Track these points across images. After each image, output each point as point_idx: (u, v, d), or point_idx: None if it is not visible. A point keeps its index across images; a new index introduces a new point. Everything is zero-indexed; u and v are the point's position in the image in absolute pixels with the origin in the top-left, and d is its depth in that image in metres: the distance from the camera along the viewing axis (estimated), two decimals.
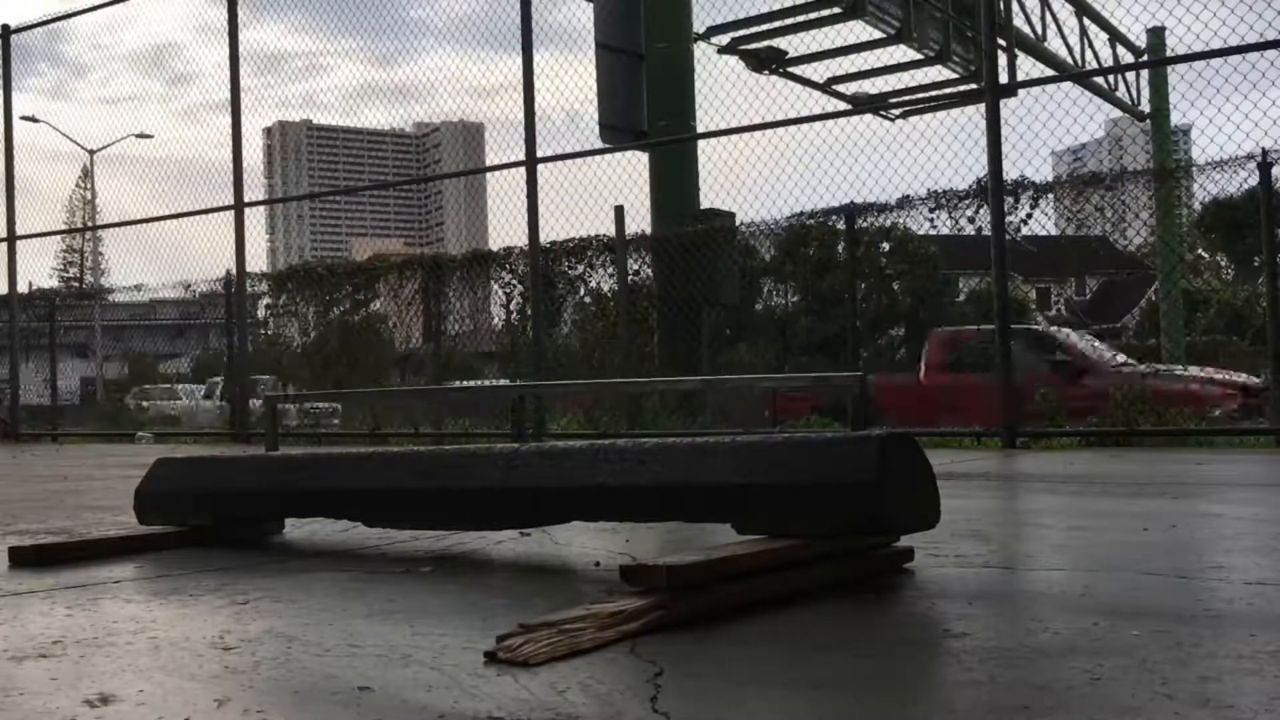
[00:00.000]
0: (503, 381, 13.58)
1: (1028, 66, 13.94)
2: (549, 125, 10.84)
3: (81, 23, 15.76)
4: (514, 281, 13.26)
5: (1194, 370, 10.93)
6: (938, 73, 13.69)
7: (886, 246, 12.99)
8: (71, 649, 2.12)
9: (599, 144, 11.37)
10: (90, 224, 36.57)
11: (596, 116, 11.22)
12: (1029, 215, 10.15)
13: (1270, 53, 8.19)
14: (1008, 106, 9.09)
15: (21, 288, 16.55)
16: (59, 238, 42.69)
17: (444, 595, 2.68)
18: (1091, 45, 15.91)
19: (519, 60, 10.96)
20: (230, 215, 13.37)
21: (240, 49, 13.17)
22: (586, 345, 13.58)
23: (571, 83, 11.63)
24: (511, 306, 13.47)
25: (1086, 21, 15.70)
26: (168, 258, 21.38)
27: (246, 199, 13.41)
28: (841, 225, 10.92)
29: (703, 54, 12.69)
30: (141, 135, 30.62)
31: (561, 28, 11.66)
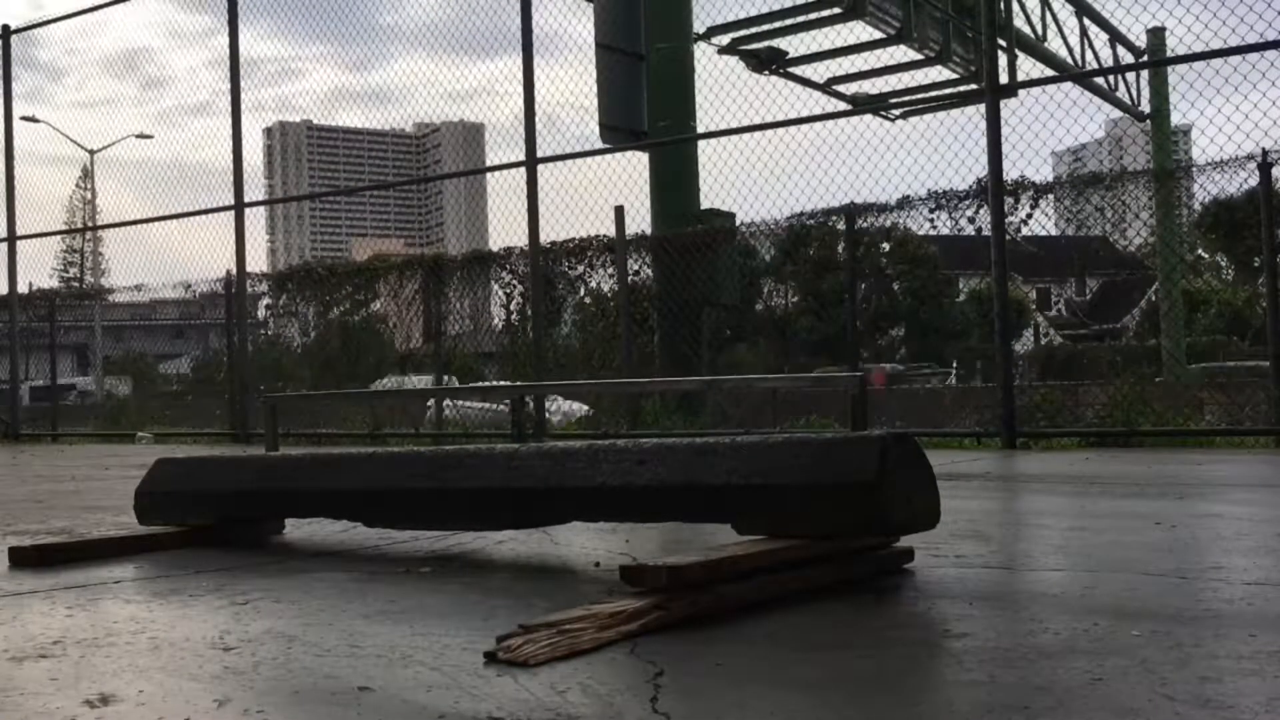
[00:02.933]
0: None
1: (1028, 66, 13.96)
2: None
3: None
4: (514, 282, 13.25)
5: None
6: (938, 73, 13.70)
7: (886, 247, 12.97)
8: (71, 649, 2.12)
9: (593, 145, 11.36)
10: (90, 224, 36.56)
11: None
12: (1029, 215, 10.14)
13: (1270, 53, 8.18)
14: (1008, 106, 9.08)
15: (21, 288, 16.55)
16: (59, 238, 42.68)
17: (444, 595, 2.68)
18: (1091, 45, 15.92)
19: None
20: (230, 215, 13.38)
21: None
22: (586, 345, 13.57)
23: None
24: (512, 307, 13.46)
25: (1086, 21, 15.71)
26: (168, 258, 21.39)
27: (246, 199, 13.42)
28: (841, 225, 10.89)
29: (703, 54, 12.67)
30: (142, 135, 30.67)
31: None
